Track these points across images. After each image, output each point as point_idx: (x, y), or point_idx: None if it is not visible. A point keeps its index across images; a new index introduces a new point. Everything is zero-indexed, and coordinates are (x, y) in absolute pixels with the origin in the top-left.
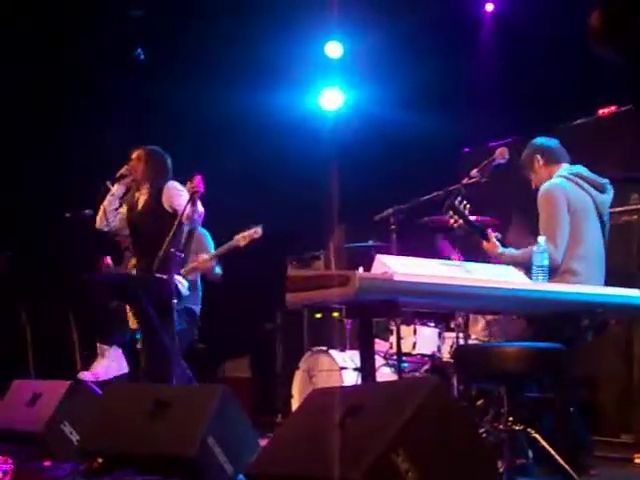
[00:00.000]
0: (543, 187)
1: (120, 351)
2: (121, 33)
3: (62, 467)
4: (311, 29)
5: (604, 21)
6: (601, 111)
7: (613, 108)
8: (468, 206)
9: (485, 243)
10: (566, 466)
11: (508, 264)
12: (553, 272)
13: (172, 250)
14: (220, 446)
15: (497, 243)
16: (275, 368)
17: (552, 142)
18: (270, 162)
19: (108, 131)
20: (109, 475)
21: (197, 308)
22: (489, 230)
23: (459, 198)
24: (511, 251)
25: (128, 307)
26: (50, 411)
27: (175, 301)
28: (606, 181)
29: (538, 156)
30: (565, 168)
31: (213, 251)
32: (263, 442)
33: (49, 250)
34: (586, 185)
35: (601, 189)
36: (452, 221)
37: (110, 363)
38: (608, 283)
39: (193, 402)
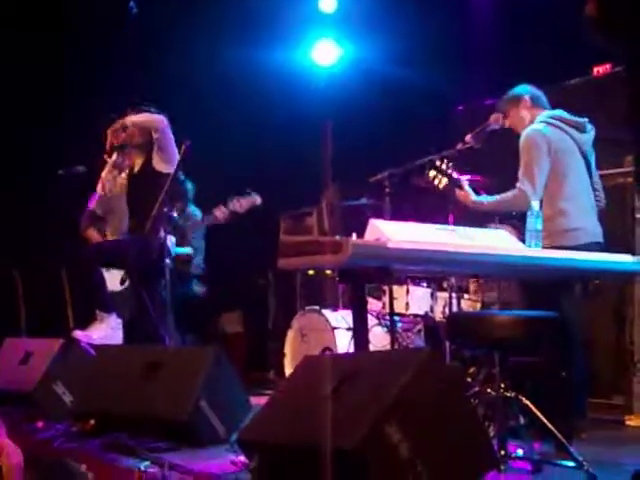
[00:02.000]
0: (525, 133)
1: (120, 321)
2: None
3: (55, 428)
4: None
5: (600, 11)
6: (596, 70)
7: (608, 67)
8: (451, 165)
9: (458, 192)
10: (555, 431)
11: (485, 212)
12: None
13: (164, 210)
14: (212, 409)
15: (470, 191)
16: (267, 324)
17: (539, 90)
18: (264, 118)
19: (98, 90)
20: (102, 437)
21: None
22: (463, 179)
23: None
24: (486, 198)
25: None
26: (42, 370)
27: (168, 260)
28: (585, 120)
29: (527, 97)
30: (546, 113)
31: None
32: (256, 399)
33: (41, 207)
34: (566, 127)
35: (582, 129)
36: (436, 182)
37: (107, 330)
38: (602, 245)
39: (186, 364)
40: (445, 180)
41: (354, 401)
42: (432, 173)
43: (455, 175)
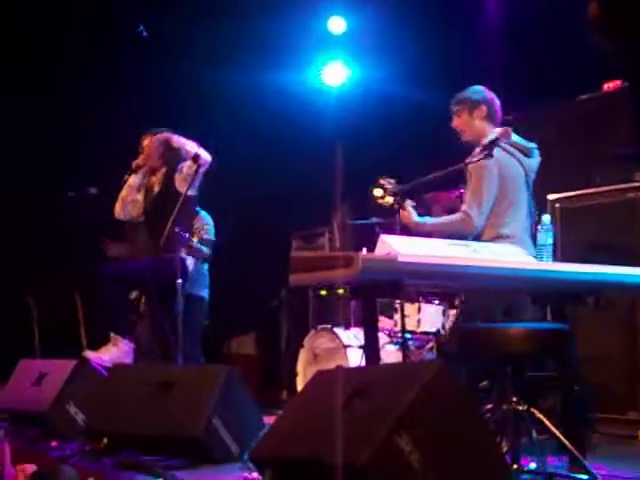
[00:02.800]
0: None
1: (132, 346)
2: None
3: (68, 447)
4: (313, 4)
5: (602, 10)
6: (606, 86)
7: (619, 83)
8: (393, 181)
9: (401, 212)
10: (570, 445)
11: (429, 234)
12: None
13: (177, 229)
14: (225, 426)
15: (412, 212)
16: (280, 345)
17: (496, 103)
18: (274, 139)
19: (110, 110)
20: (115, 455)
21: (205, 293)
22: (407, 199)
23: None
24: (430, 220)
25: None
26: (56, 391)
27: (180, 281)
28: (533, 145)
29: (484, 107)
30: (494, 132)
31: (212, 236)
32: (269, 419)
33: (54, 230)
34: (514, 150)
35: (529, 154)
36: (381, 201)
37: (119, 353)
38: (612, 260)
39: (198, 383)
40: (390, 199)
41: (365, 414)
42: (377, 192)
43: (398, 194)
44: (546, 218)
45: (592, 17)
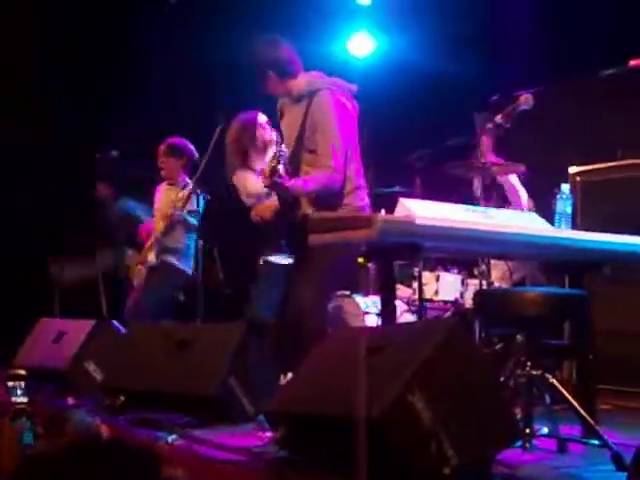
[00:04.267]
0: None
1: None
2: None
3: (85, 403)
4: None
5: None
6: (632, 62)
7: None
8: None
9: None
10: (584, 412)
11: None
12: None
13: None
14: (241, 386)
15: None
16: None
17: None
18: None
19: (137, 78)
20: (131, 412)
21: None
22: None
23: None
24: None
25: None
26: (74, 349)
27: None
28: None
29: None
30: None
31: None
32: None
33: (76, 193)
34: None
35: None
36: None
37: None
38: (634, 233)
39: (215, 341)
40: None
41: (380, 371)
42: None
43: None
44: (565, 187)
45: None
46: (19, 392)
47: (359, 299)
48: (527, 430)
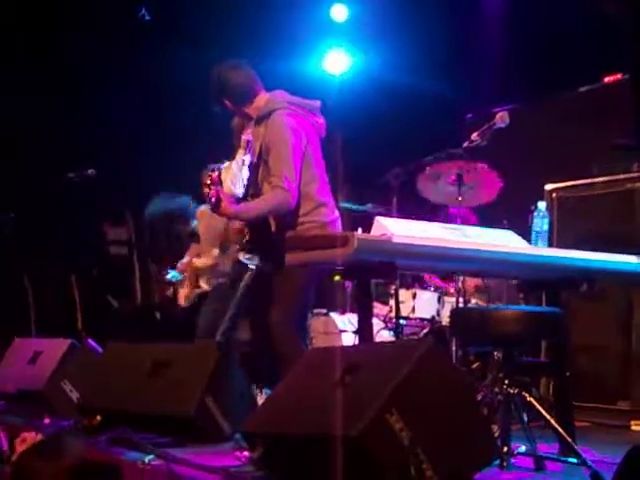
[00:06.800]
0: None
1: None
2: None
3: (62, 424)
4: None
5: None
6: (606, 79)
7: (619, 76)
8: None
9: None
10: (561, 430)
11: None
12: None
13: None
14: (218, 405)
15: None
16: None
17: None
18: None
19: (112, 95)
20: (108, 432)
21: None
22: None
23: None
24: (245, 205)
25: None
26: (51, 369)
27: None
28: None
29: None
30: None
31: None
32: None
33: (52, 210)
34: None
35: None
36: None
37: None
38: (611, 250)
39: (192, 361)
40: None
41: (357, 391)
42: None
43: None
44: (542, 205)
45: None
46: None
47: (336, 317)
48: (505, 448)
